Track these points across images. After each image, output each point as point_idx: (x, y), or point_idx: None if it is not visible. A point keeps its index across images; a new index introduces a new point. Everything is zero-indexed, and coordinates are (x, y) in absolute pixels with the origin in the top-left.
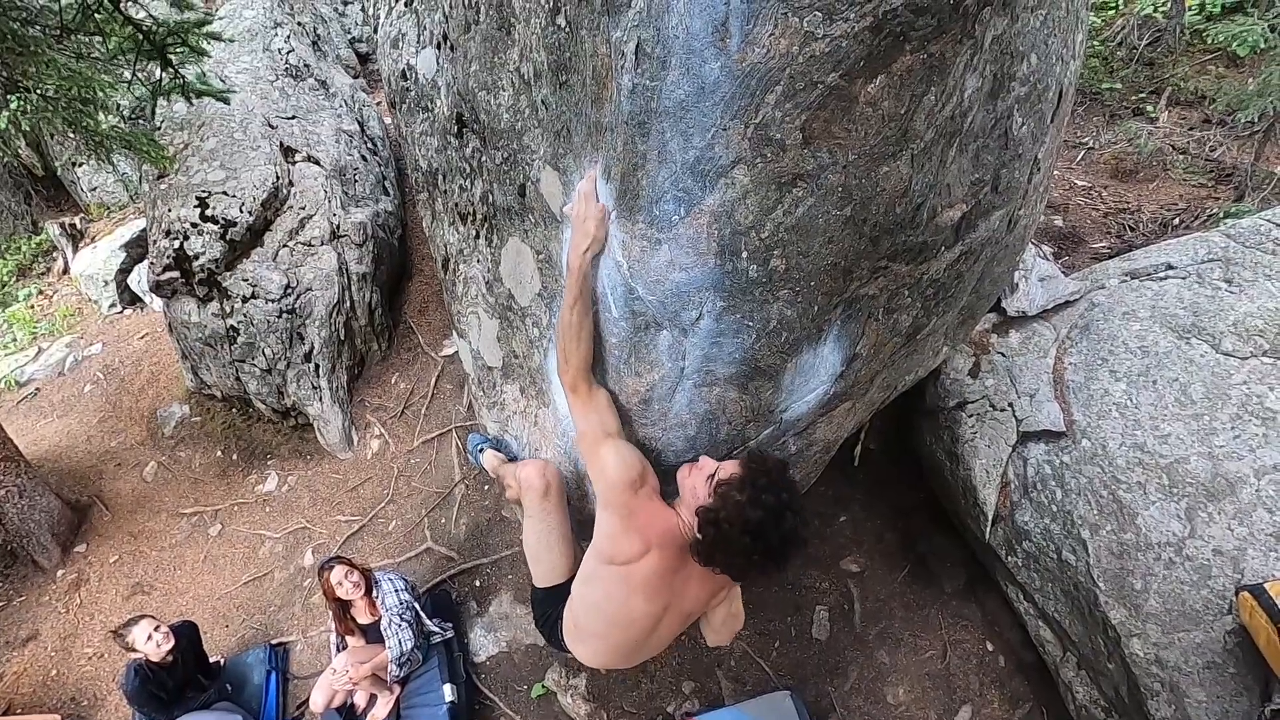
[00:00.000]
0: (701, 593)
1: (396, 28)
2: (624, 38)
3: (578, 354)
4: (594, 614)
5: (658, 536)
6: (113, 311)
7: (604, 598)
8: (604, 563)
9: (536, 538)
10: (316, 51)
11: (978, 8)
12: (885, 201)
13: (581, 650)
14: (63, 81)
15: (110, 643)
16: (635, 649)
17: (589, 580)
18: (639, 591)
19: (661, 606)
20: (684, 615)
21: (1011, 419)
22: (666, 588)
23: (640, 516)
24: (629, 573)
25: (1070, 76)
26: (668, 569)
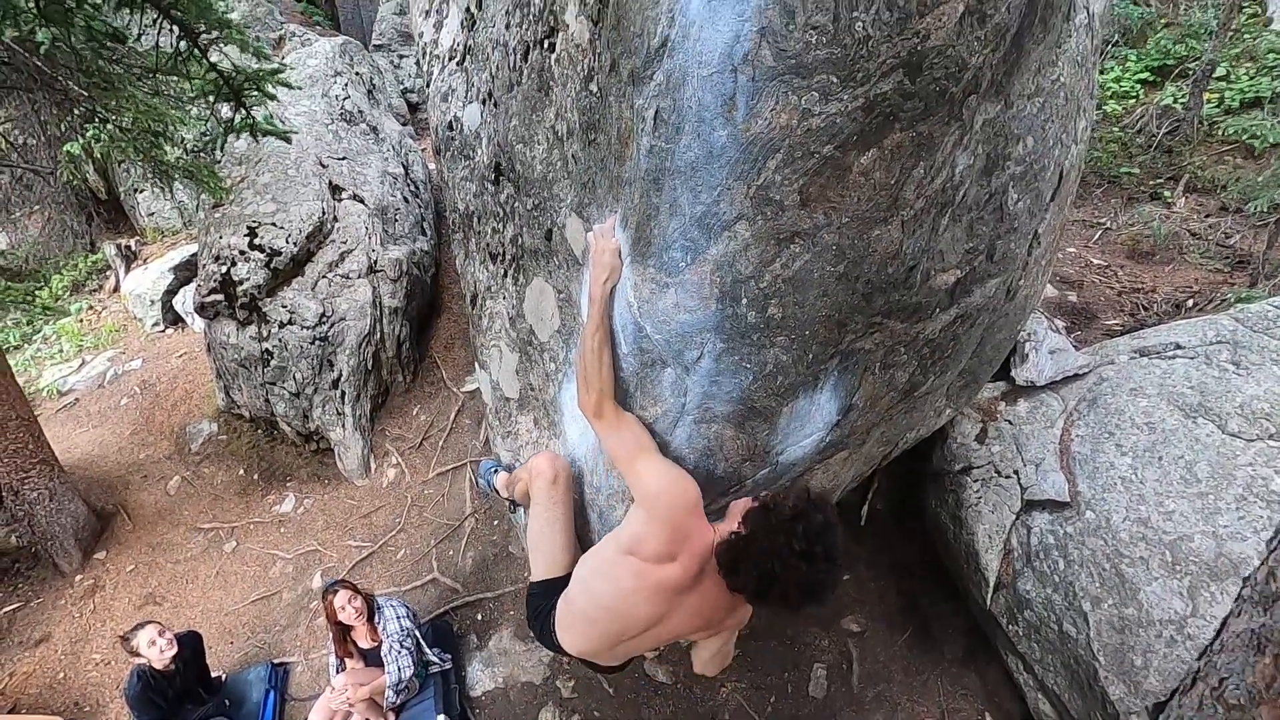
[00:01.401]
0: (705, 616)
1: (447, 83)
2: (645, 105)
3: (599, 378)
4: (593, 599)
5: (688, 552)
6: (155, 330)
7: (611, 585)
8: (624, 553)
9: (540, 525)
10: (370, 99)
11: (963, 95)
12: (877, 261)
13: (567, 636)
14: (139, 115)
15: (118, 650)
16: (619, 643)
17: (599, 565)
18: (646, 592)
19: (660, 615)
20: (677, 632)
21: (1016, 486)
22: (673, 601)
23: (682, 531)
24: (644, 570)
25: (1072, 159)
26: (682, 585)
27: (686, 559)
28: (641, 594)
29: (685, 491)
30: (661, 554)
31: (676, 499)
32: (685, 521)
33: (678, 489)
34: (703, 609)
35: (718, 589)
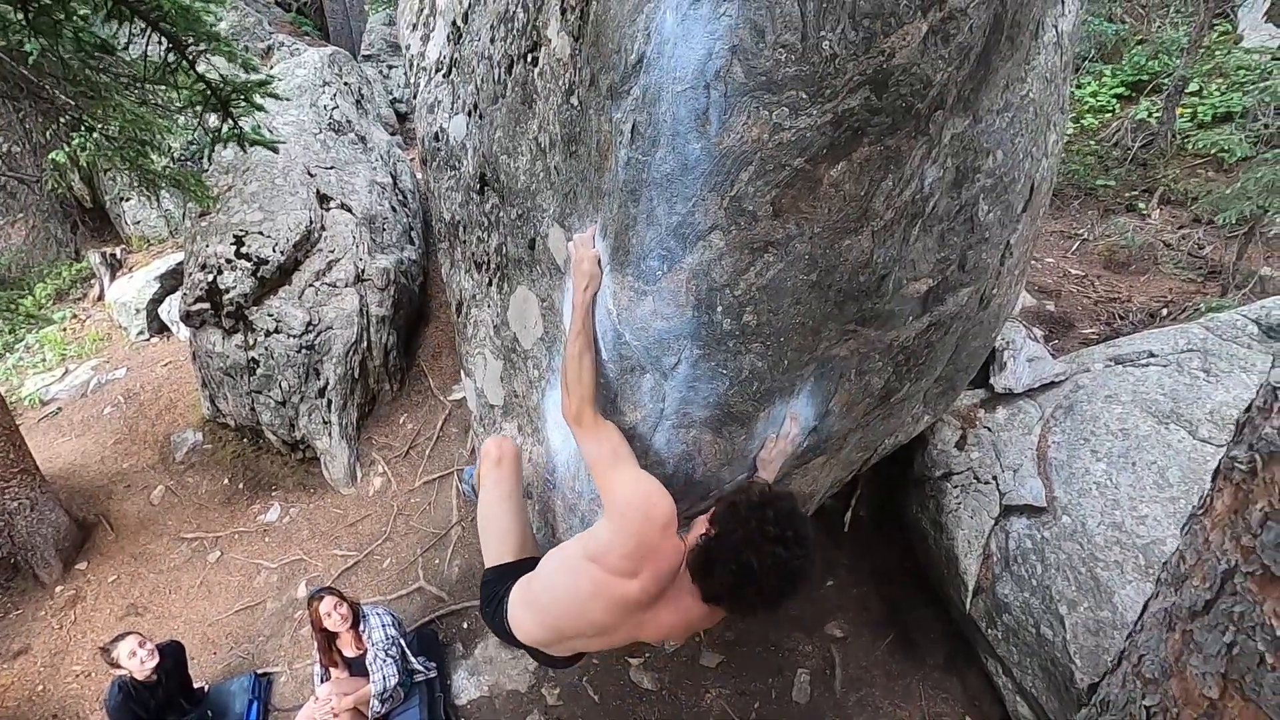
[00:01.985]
0: (666, 627)
1: (434, 95)
2: (623, 119)
3: (580, 385)
4: (551, 594)
5: (651, 571)
6: (140, 339)
7: (570, 586)
8: (587, 558)
9: (486, 506)
10: (359, 109)
11: (929, 110)
12: (849, 270)
13: (518, 618)
14: (126, 123)
15: (98, 661)
16: (568, 638)
17: (562, 565)
18: (602, 601)
19: (613, 624)
20: (629, 638)
21: (995, 492)
22: (627, 617)
23: (647, 548)
24: (604, 581)
25: (1043, 172)
26: (639, 603)
27: (647, 578)
28: (597, 601)
29: (655, 507)
30: (623, 569)
31: (646, 514)
32: (652, 539)
33: (648, 504)
34: (662, 625)
35: (685, 604)
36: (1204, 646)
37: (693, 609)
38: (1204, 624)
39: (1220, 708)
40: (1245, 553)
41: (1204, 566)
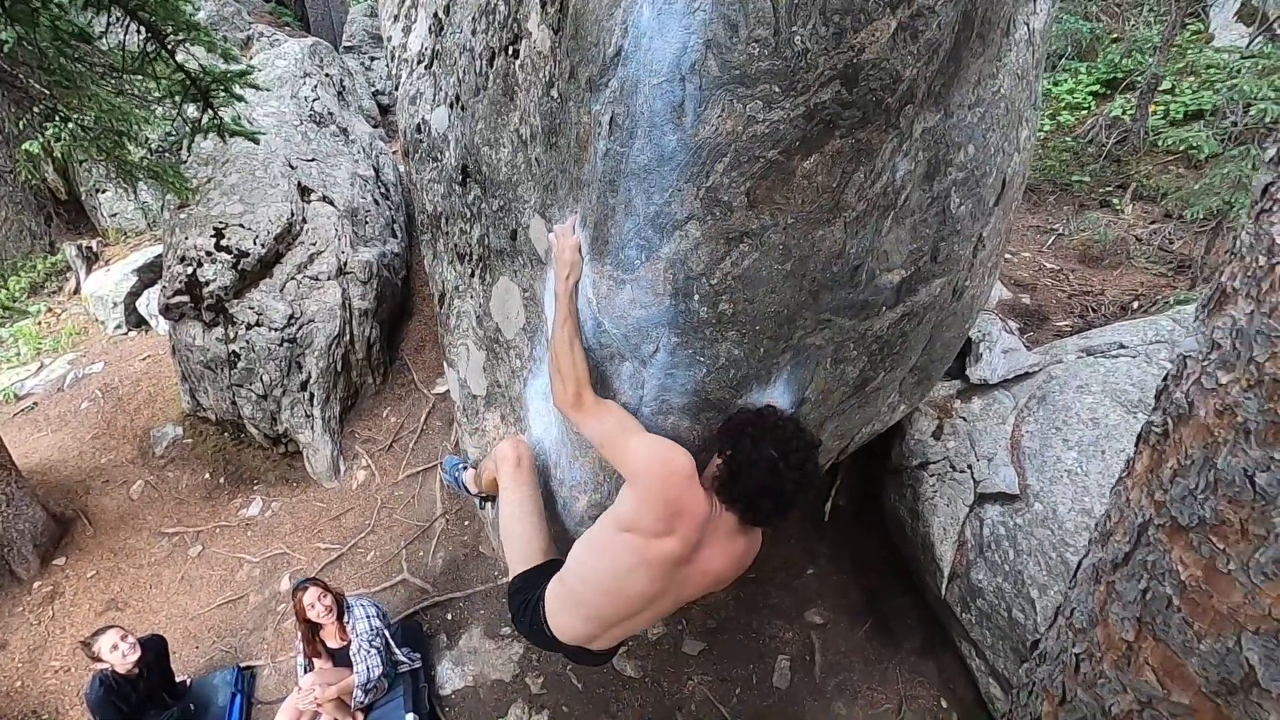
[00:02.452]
0: (714, 573)
1: (416, 87)
2: (601, 110)
3: (574, 369)
4: (587, 579)
5: (687, 523)
6: (118, 332)
7: (608, 564)
8: (620, 530)
9: (510, 510)
10: (340, 101)
11: (899, 105)
12: (822, 260)
13: (562, 622)
14: (102, 114)
15: (77, 657)
16: (614, 623)
17: (595, 548)
18: (646, 569)
19: (659, 590)
20: (677, 601)
21: (970, 480)
22: (672, 575)
23: (677, 504)
24: (643, 546)
25: (1015, 167)
26: (681, 558)
27: (685, 530)
28: (641, 570)
29: (674, 461)
30: (659, 529)
31: (668, 470)
32: (679, 491)
33: (668, 460)
34: (709, 571)
35: (725, 544)
36: (1123, 595)
37: (734, 545)
38: (1123, 574)
39: (1136, 649)
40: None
41: (1125, 523)
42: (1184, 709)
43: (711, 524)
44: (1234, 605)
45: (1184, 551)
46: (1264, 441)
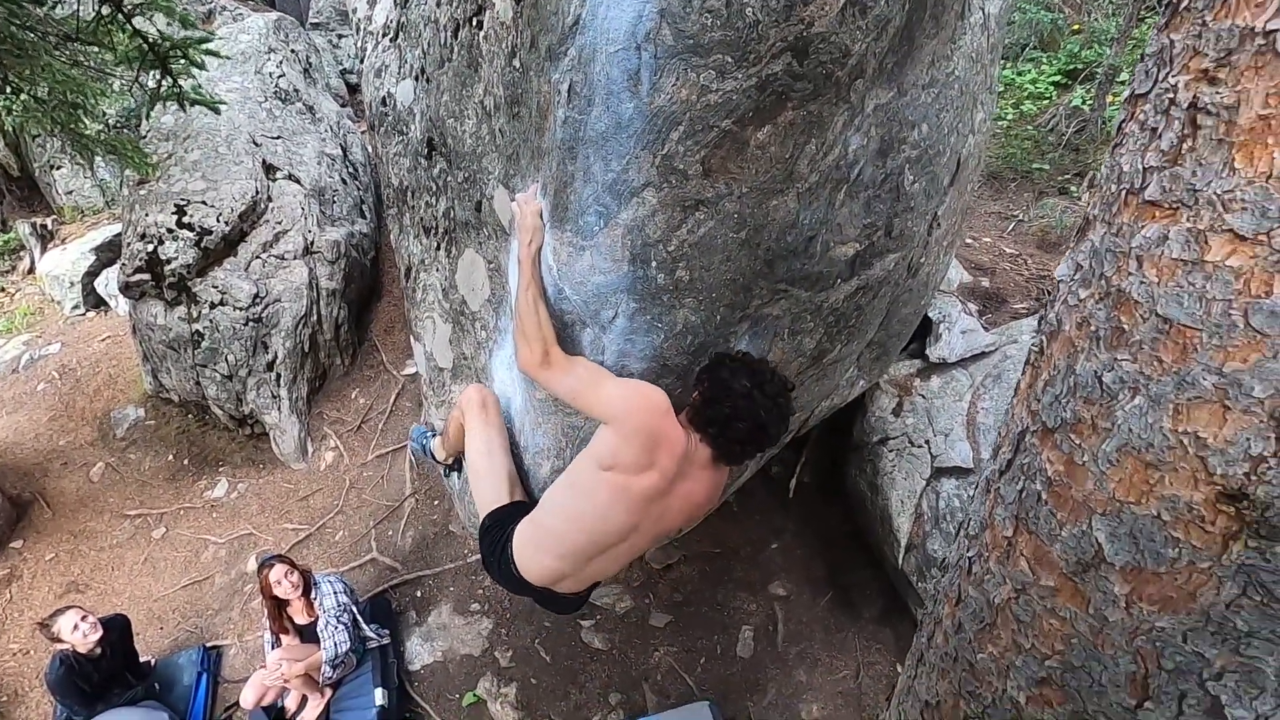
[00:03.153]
0: (691, 504)
1: (381, 59)
2: (560, 79)
3: (539, 330)
4: (562, 516)
5: (665, 457)
6: (75, 313)
7: (586, 501)
8: (601, 469)
9: (477, 448)
10: (307, 78)
11: (849, 79)
12: (776, 230)
13: (532, 560)
14: (56, 84)
15: (36, 639)
16: (588, 559)
17: (573, 485)
18: (625, 502)
19: (638, 522)
20: (652, 536)
21: (927, 455)
22: (651, 508)
23: (656, 437)
24: (625, 482)
25: (970, 148)
26: (661, 490)
27: (665, 463)
28: (620, 504)
29: (650, 398)
30: (640, 464)
31: (646, 406)
32: (658, 425)
33: (644, 396)
34: (688, 499)
35: (699, 475)
36: (1005, 498)
37: (708, 477)
38: (1006, 479)
39: (1014, 543)
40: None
41: (1009, 435)
42: (1050, 590)
43: (688, 458)
44: (1087, 493)
45: (1050, 451)
46: (1110, 345)
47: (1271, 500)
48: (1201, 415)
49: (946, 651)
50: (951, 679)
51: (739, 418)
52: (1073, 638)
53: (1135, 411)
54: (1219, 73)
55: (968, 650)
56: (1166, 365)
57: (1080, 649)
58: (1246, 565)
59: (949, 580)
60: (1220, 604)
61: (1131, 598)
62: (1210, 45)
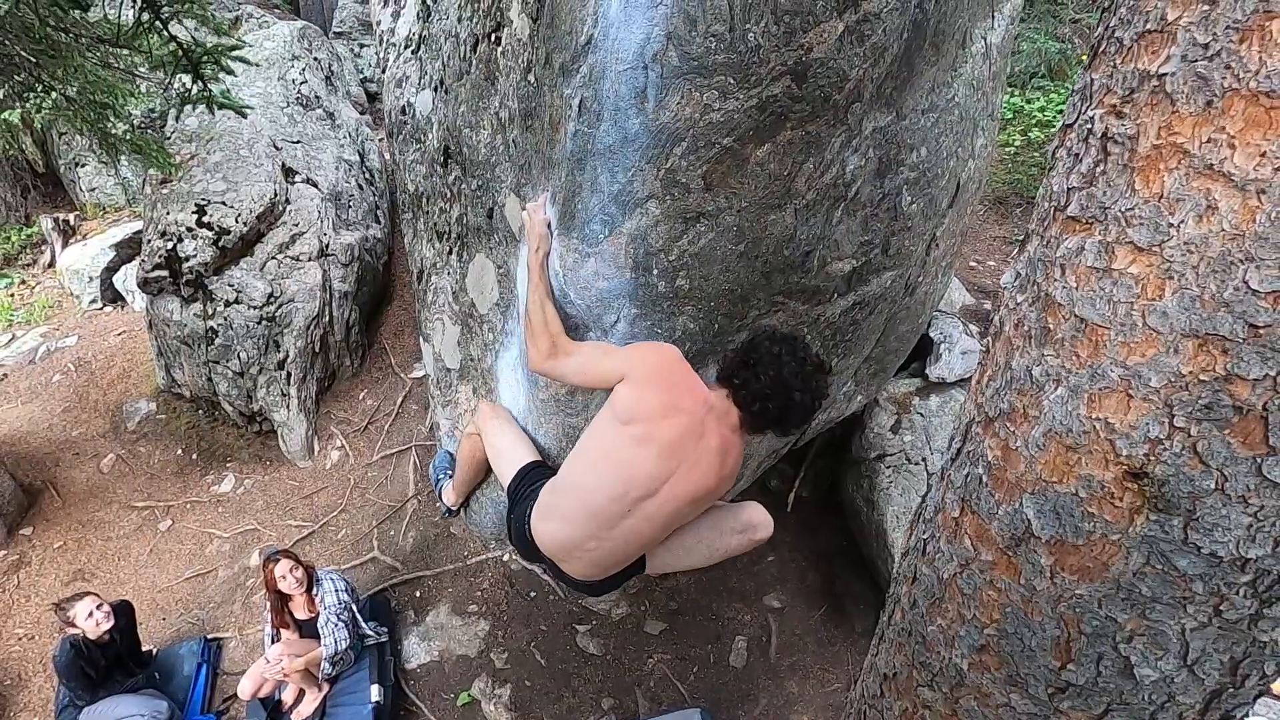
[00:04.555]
0: (709, 466)
1: (402, 70)
2: (572, 94)
3: (547, 326)
4: (585, 473)
5: (690, 399)
6: (93, 307)
7: (613, 456)
8: (623, 423)
9: (494, 430)
10: (328, 85)
11: (846, 102)
12: (774, 243)
13: (548, 527)
14: (87, 85)
15: (43, 624)
16: (619, 525)
17: (598, 445)
18: (653, 448)
19: (670, 469)
20: (682, 496)
21: (924, 472)
22: (682, 450)
23: (673, 379)
24: (649, 431)
25: (970, 172)
26: (692, 432)
27: (688, 403)
28: (650, 451)
29: (661, 348)
30: (665, 407)
31: (657, 355)
32: (676, 370)
33: (654, 349)
34: (714, 462)
35: (727, 435)
36: (954, 482)
37: (733, 441)
38: (955, 466)
39: (960, 523)
40: (979, 408)
41: (960, 426)
42: (988, 564)
43: (714, 411)
44: (1019, 475)
45: (991, 438)
46: (1039, 343)
47: (1167, 477)
48: (1110, 403)
49: (903, 627)
50: (906, 651)
51: (763, 372)
52: (1007, 607)
53: (1058, 401)
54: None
55: (920, 624)
56: (1083, 359)
57: (1013, 617)
58: (1149, 537)
59: (908, 562)
60: (1129, 572)
61: (1055, 568)
62: (1119, 84)
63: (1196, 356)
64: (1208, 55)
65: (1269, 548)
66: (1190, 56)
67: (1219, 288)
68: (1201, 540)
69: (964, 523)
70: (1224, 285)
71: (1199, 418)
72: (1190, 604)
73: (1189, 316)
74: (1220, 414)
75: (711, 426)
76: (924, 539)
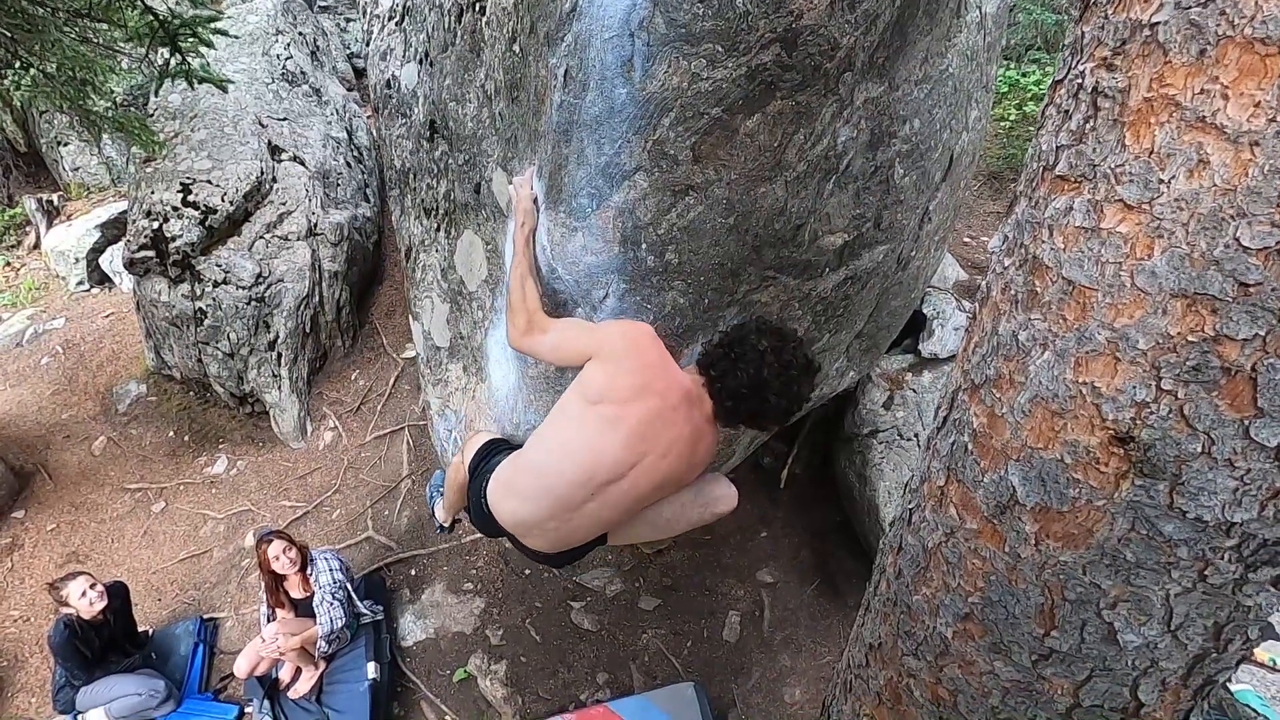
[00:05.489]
0: (678, 452)
1: (386, 43)
2: (557, 64)
3: (526, 302)
4: (546, 448)
5: (663, 380)
6: (80, 289)
7: (573, 429)
8: (591, 403)
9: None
10: (314, 61)
11: (838, 71)
12: (764, 217)
13: (502, 500)
14: (65, 60)
15: (37, 606)
16: (576, 506)
17: (564, 424)
18: (620, 433)
19: (638, 455)
20: (647, 484)
21: (916, 448)
22: (652, 436)
23: (646, 358)
24: (618, 414)
25: (964, 145)
26: (662, 417)
27: (661, 386)
28: (618, 435)
29: (637, 327)
30: (635, 388)
31: (635, 333)
32: (650, 349)
33: (629, 326)
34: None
35: (699, 423)
36: (940, 451)
37: (708, 428)
38: (941, 435)
39: (945, 492)
40: (965, 375)
41: (946, 394)
42: (973, 532)
43: (689, 399)
44: (1004, 442)
45: (977, 405)
46: (1025, 307)
47: (1153, 441)
48: (1097, 367)
49: (889, 597)
50: (891, 621)
51: (741, 369)
52: (991, 575)
53: (1044, 366)
54: (1115, 60)
55: (905, 593)
56: (1069, 322)
57: (997, 585)
58: (1134, 502)
59: (894, 533)
60: (1113, 538)
61: (1040, 535)
62: (1110, 36)
63: (1185, 317)
64: (1201, 1)
65: (1255, 511)
66: (1183, 3)
67: (1209, 245)
68: (1187, 505)
69: (949, 491)
70: (1214, 242)
71: (1186, 380)
72: (1175, 569)
73: (1178, 276)
74: (1208, 375)
75: (684, 414)
76: (910, 509)
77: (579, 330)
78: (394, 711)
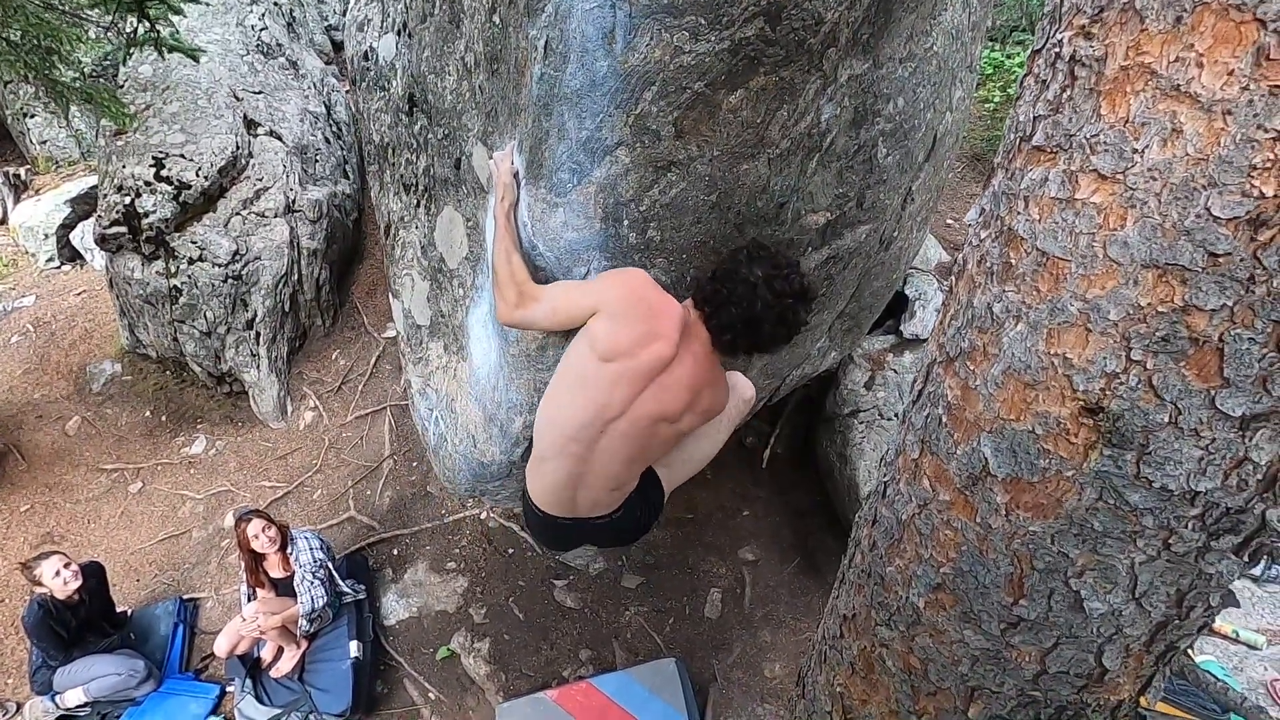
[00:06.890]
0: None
1: (364, 13)
2: (538, 35)
3: (512, 278)
4: (562, 405)
5: (665, 322)
6: (50, 266)
7: (583, 386)
8: (602, 361)
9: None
10: (290, 33)
11: (821, 47)
12: (747, 194)
13: (538, 475)
14: (30, 28)
15: (12, 586)
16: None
17: (572, 369)
18: (629, 378)
19: (636, 394)
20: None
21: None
22: (662, 373)
23: (646, 303)
24: (633, 364)
25: (947, 125)
26: (666, 358)
27: (666, 327)
28: (626, 381)
29: (630, 271)
30: (644, 335)
31: (629, 280)
32: (648, 292)
33: (625, 274)
34: (688, 381)
35: (699, 356)
36: (914, 424)
37: (707, 359)
38: (916, 408)
39: (919, 464)
40: (940, 348)
41: (922, 368)
42: (946, 504)
43: (688, 331)
44: (977, 414)
45: (951, 378)
46: (1000, 279)
47: (1122, 412)
48: (1069, 338)
49: (863, 569)
50: (865, 593)
51: (734, 303)
52: (962, 545)
53: (1018, 337)
54: (1093, 28)
55: (879, 565)
56: (1043, 294)
57: (968, 555)
58: (1102, 472)
59: (869, 506)
60: (1081, 508)
61: (1010, 506)
62: (1088, 3)
63: (1155, 288)
64: None
65: (1219, 480)
66: None
67: (1180, 215)
68: (1153, 474)
69: (923, 464)
70: (1185, 212)
71: (1155, 350)
72: (1140, 538)
73: (1149, 246)
74: (1176, 346)
75: (685, 347)
76: (884, 482)
77: (574, 290)
78: (377, 689)
